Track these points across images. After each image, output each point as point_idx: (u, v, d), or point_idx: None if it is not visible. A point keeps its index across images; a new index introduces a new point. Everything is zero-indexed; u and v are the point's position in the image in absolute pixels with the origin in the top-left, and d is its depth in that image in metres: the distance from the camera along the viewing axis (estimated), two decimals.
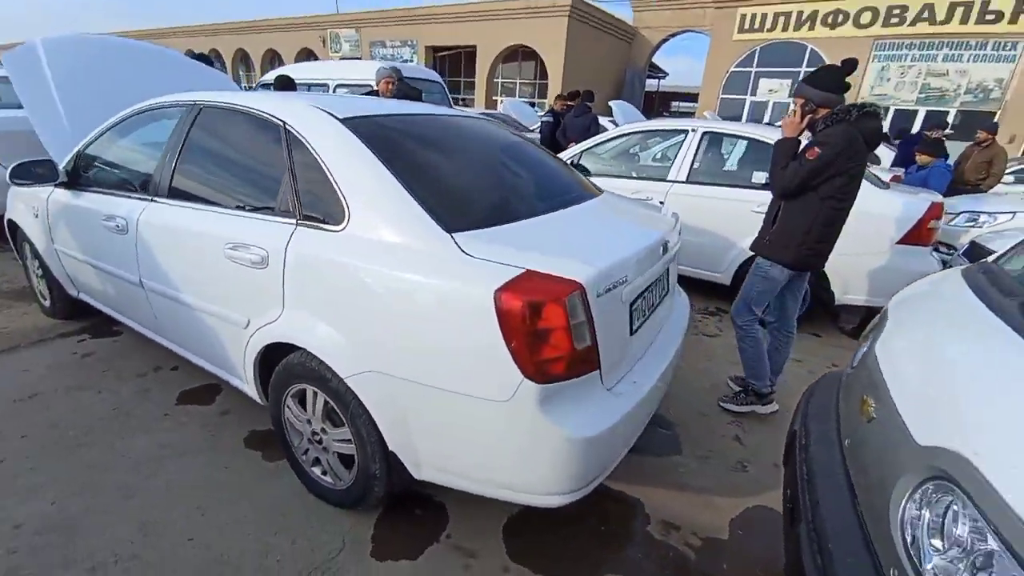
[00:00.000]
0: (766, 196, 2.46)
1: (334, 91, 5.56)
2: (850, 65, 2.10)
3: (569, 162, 4.27)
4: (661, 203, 3.87)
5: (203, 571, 1.53)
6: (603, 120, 7.38)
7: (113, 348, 2.80)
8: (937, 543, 0.83)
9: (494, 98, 17.15)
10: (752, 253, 2.47)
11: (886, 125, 11.84)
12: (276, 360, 1.69)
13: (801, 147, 2.18)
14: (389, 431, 1.47)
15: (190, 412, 2.28)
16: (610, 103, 8.40)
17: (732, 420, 2.51)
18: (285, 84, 4.94)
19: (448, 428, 1.39)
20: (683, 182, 3.81)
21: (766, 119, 16.05)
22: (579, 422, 1.29)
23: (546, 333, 1.22)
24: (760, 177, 3.55)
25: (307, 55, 22.82)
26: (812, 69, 2.33)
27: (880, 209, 3.32)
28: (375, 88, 4.35)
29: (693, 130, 3.84)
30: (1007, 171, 6.84)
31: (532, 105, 10.86)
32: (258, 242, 1.60)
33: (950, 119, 13.10)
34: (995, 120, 12.33)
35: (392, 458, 1.51)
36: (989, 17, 12.12)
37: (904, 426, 0.98)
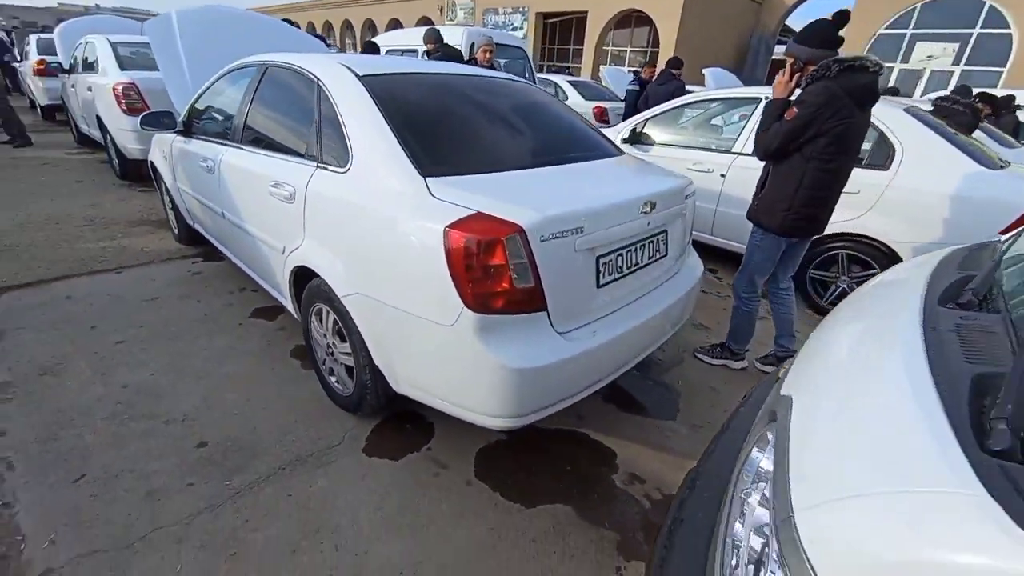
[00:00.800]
0: None
1: (422, 56, 5.91)
2: (841, 18, 1.93)
3: (632, 130, 4.19)
4: (723, 176, 3.68)
5: (239, 436, 1.96)
6: (695, 88, 6.89)
7: (216, 270, 3.45)
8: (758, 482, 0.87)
9: (601, 66, 16.55)
10: None
11: None
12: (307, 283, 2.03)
13: None
14: (374, 347, 1.73)
15: (257, 324, 2.79)
16: (703, 71, 7.75)
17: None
18: (368, 49, 5.51)
19: (411, 346, 1.61)
20: (749, 155, 3.55)
21: (918, 92, 13.58)
22: (516, 354, 1.43)
23: (486, 269, 1.37)
24: None
25: (426, 22, 23.77)
26: (988, 31, 2.14)
27: (984, 192, 2.87)
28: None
29: (765, 98, 3.53)
30: None
31: (636, 74, 10.30)
32: (289, 180, 1.92)
33: None
34: None
35: (377, 372, 1.78)
36: None
37: (782, 384, 1.00)
